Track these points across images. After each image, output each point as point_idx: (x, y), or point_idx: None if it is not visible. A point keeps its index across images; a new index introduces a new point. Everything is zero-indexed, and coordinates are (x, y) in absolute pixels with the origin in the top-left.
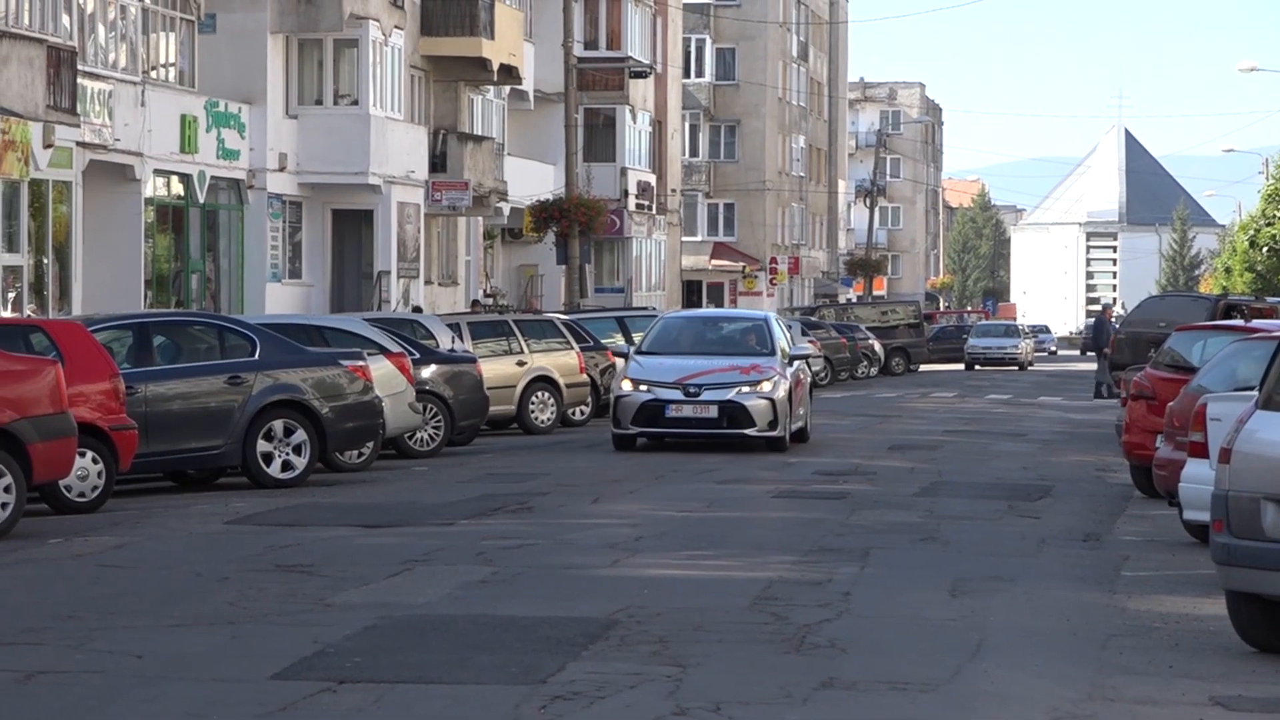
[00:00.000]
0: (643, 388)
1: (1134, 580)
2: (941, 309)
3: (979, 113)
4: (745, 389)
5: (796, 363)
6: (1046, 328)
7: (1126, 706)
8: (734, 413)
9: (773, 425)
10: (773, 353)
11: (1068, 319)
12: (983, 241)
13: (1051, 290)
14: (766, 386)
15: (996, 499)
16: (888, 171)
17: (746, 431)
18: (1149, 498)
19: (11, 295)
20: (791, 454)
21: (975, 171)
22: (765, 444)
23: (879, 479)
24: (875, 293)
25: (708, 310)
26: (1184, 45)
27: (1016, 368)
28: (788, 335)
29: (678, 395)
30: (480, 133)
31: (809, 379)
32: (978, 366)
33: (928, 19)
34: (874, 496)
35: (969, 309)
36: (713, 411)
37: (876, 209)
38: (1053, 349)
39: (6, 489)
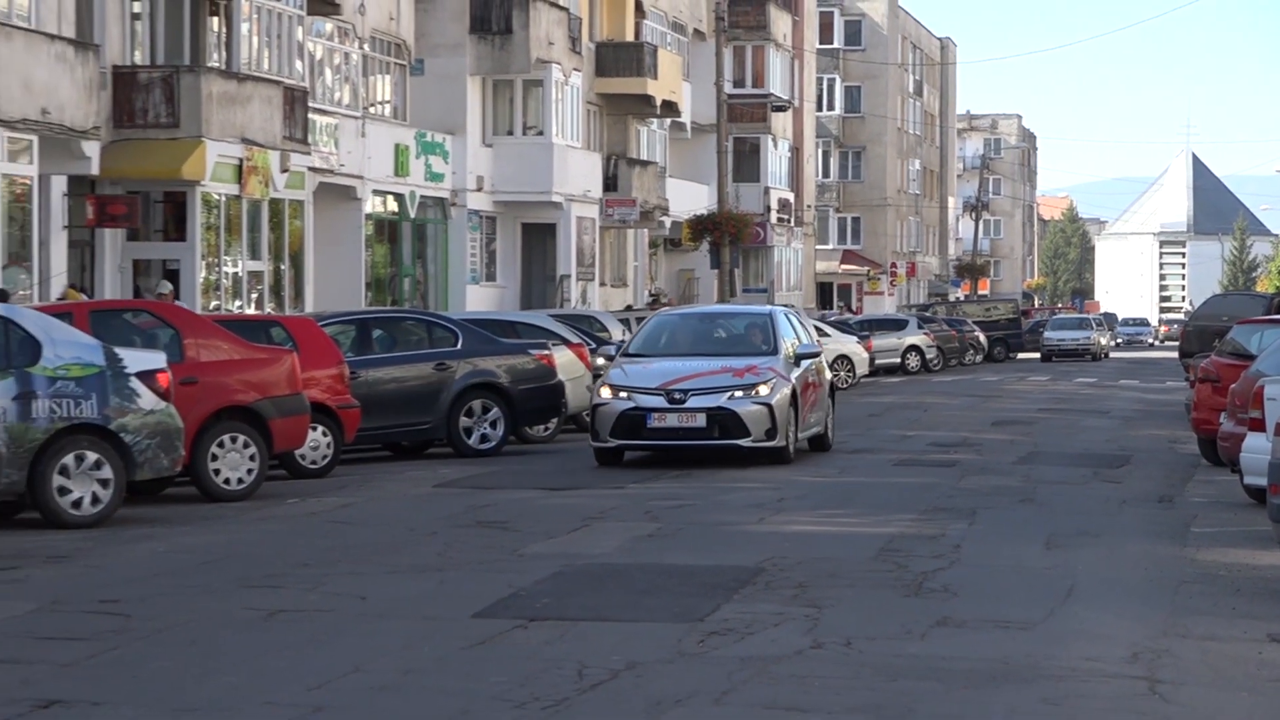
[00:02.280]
0: (623, 395)
1: (1201, 536)
2: (1036, 306)
3: (1068, 139)
4: (738, 393)
5: (807, 362)
6: (1145, 320)
7: (1195, 642)
8: (725, 421)
9: (770, 434)
10: (774, 352)
11: (1145, 315)
12: (1071, 249)
13: (1130, 290)
14: (763, 390)
15: (1084, 467)
16: (990, 190)
17: (739, 442)
18: (1214, 466)
19: (254, 296)
20: (907, 428)
21: (1065, 189)
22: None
23: (984, 450)
24: (980, 292)
25: (706, 307)
26: (1243, 80)
27: (1090, 358)
28: (802, 331)
29: (661, 402)
30: (646, 158)
31: (828, 379)
32: (1054, 359)
33: (1025, 60)
34: (980, 464)
35: (1059, 306)
36: (700, 420)
37: (981, 221)
38: (1151, 341)
39: (252, 457)
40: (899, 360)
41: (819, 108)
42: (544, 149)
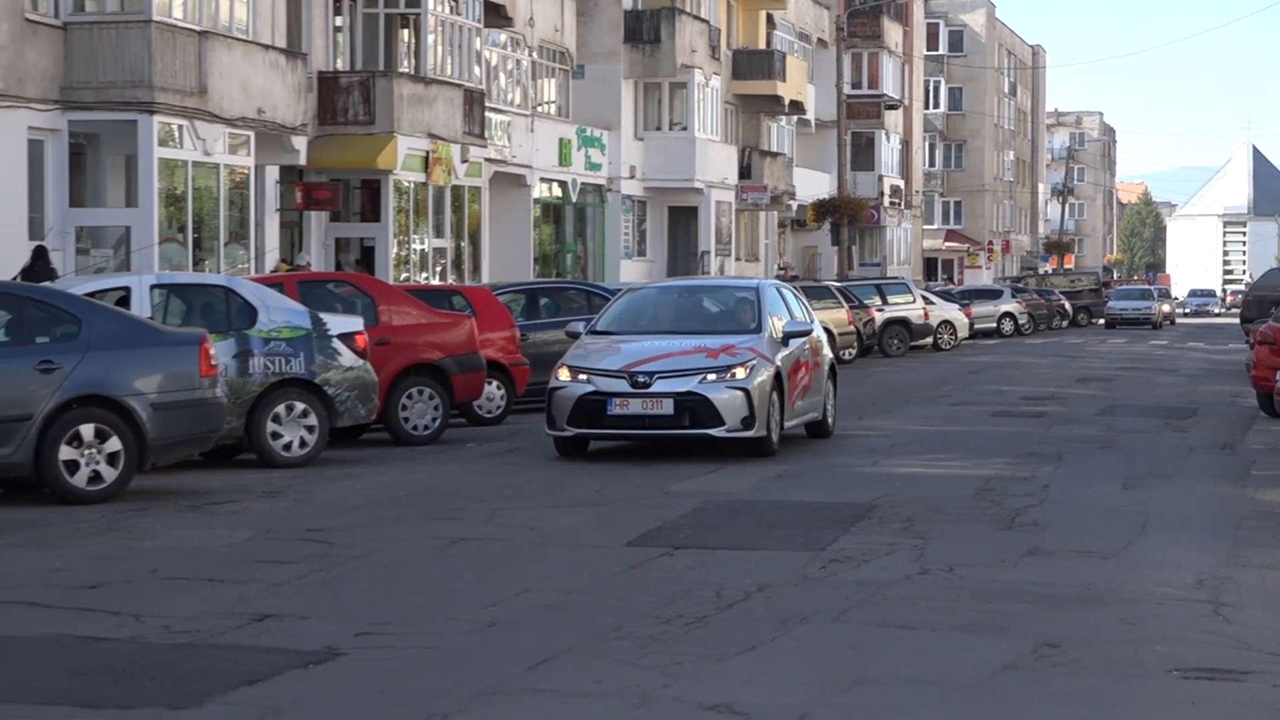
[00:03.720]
0: (582, 377)
1: (1261, 478)
2: (1115, 278)
3: (1143, 133)
4: (711, 377)
5: (797, 342)
6: (1211, 291)
7: (1254, 571)
8: (695, 407)
9: (747, 422)
10: (758, 330)
11: (1210, 287)
12: (1145, 229)
13: (1197, 265)
14: (740, 373)
15: (1156, 418)
16: (1075, 177)
17: (711, 432)
18: (1271, 417)
19: (438, 269)
20: (1002, 383)
21: (1140, 176)
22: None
23: (1069, 403)
24: (1065, 266)
25: (686, 280)
26: None
27: (1151, 326)
28: (797, 306)
29: (623, 386)
30: (775, 150)
31: (827, 358)
32: (1118, 326)
33: (1106, 63)
34: (1065, 415)
35: (1135, 278)
36: (667, 406)
37: (1066, 205)
38: (1216, 310)
39: (436, 408)
40: (995, 325)
41: (926, 106)
42: (688, 142)
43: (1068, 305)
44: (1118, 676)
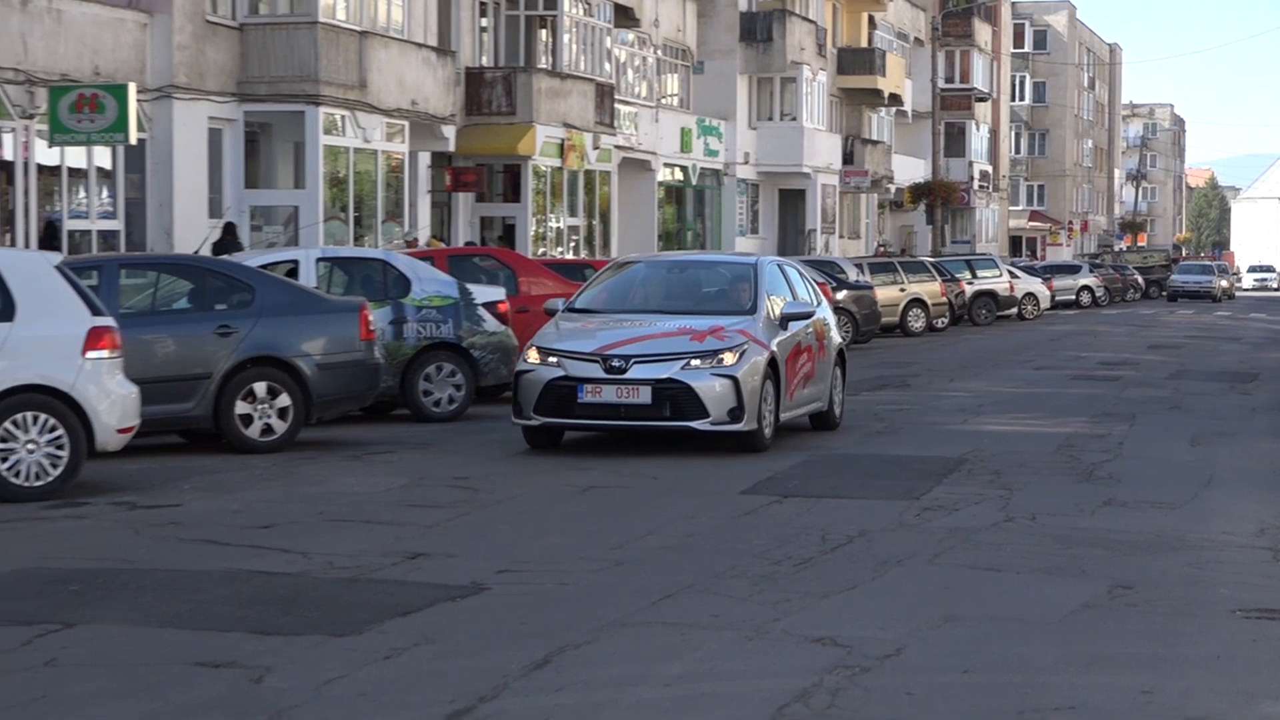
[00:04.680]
0: (551, 360)
1: None
2: (1183, 255)
3: (1210, 122)
4: (695, 362)
5: (798, 325)
6: (1271, 267)
7: None
8: (676, 396)
9: (735, 414)
10: (753, 310)
11: (1271, 264)
12: (1211, 210)
13: (1259, 244)
14: (728, 359)
15: (1221, 381)
16: (1147, 163)
17: (694, 424)
18: None
19: (572, 244)
20: (1081, 350)
21: (1207, 163)
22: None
23: (1141, 368)
24: (1138, 244)
25: (680, 254)
26: None
27: (1211, 300)
28: (801, 286)
29: (596, 371)
30: (875, 138)
31: (835, 343)
32: (1179, 299)
33: (1178, 59)
34: (1138, 379)
35: (1201, 255)
36: (644, 395)
37: (1139, 188)
38: (1275, 285)
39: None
40: (1074, 297)
41: (1012, 98)
42: (796, 131)
43: (1140, 279)
44: (1185, 616)
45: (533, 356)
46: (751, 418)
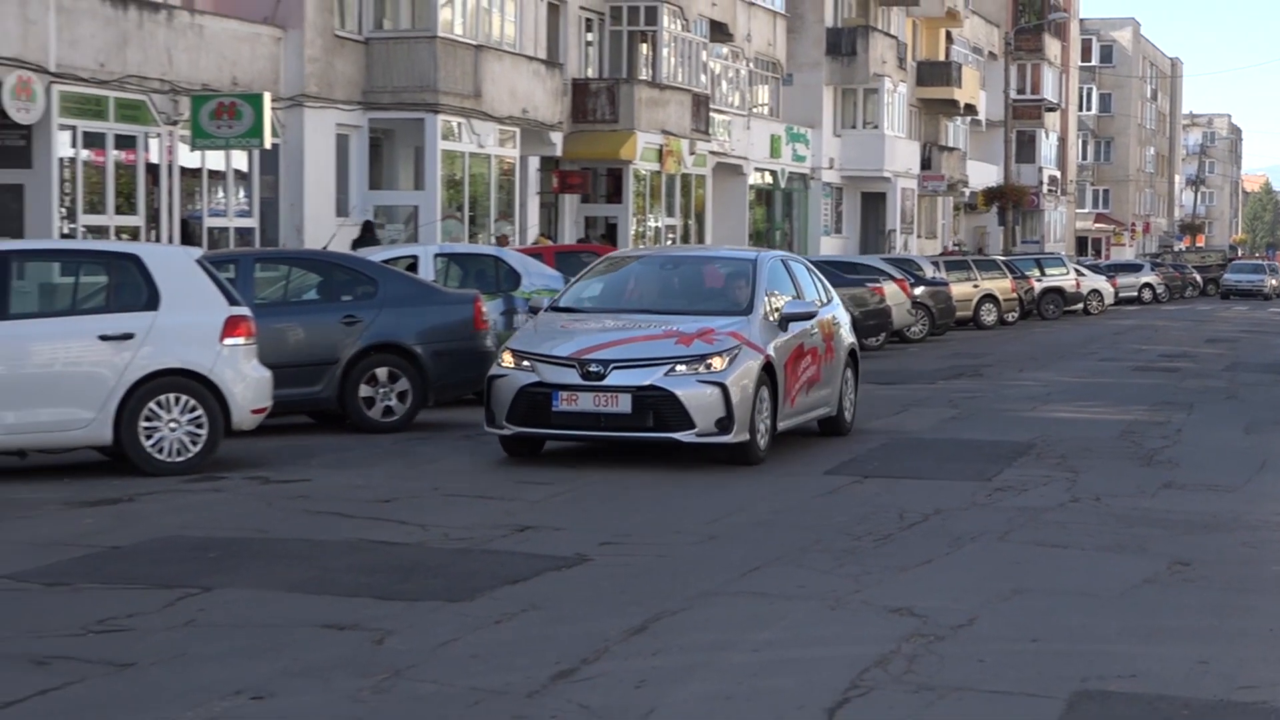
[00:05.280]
0: (526, 364)
1: None
2: (1239, 255)
3: (1266, 131)
4: (680, 368)
5: (800, 325)
6: None
7: None
8: (658, 405)
9: (724, 425)
10: (748, 311)
11: None
12: (1266, 213)
13: None
14: (717, 364)
15: (1274, 373)
16: (1206, 170)
17: (678, 435)
18: None
19: (669, 243)
20: (1142, 343)
21: (1263, 169)
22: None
23: (1199, 360)
24: (1197, 245)
25: (675, 249)
26: None
27: (1261, 298)
28: (808, 283)
29: (572, 377)
30: (951, 145)
31: (845, 344)
32: (1232, 296)
33: (1235, 72)
34: (1196, 371)
35: (1256, 254)
36: (623, 403)
37: (1198, 193)
38: None
39: None
40: (1136, 294)
41: (1079, 109)
42: (878, 139)
43: (1198, 278)
44: (1240, 590)
45: (506, 360)
46: (742, 428)
